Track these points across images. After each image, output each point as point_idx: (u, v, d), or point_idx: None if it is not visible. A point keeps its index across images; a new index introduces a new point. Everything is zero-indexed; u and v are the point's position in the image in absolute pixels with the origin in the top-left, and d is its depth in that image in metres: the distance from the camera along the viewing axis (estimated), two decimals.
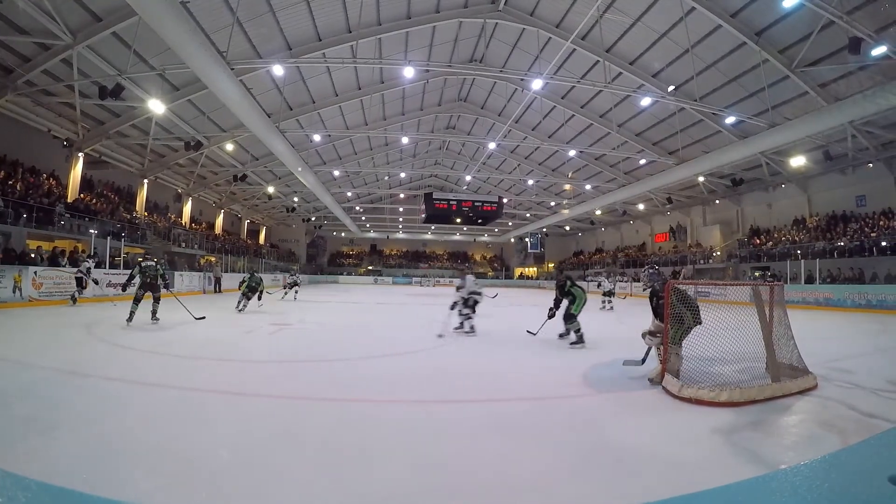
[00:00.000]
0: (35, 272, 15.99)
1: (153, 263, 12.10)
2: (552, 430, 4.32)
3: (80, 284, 17.02)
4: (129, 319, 11.25)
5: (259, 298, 18.38)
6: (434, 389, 5.86)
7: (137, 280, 11.80)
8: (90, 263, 17.85)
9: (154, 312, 11.71)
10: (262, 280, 17.59)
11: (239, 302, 16.23)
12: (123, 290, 12.15)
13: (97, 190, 27.60)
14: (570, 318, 9.52)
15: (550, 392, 5.80)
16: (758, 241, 31.91)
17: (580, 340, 9.29)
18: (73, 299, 16.73)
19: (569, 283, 9.84)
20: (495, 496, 3.01)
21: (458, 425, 4.47)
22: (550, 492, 3.06)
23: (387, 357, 8.05)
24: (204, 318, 12.80)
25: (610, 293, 21.00)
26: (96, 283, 17.64)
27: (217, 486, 3.02)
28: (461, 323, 11.21)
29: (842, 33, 16.21)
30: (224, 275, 30.03)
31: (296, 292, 23.07)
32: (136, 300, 11.63)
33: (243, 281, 17.00)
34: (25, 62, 18.30)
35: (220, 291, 28.09)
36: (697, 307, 5.94)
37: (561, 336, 9.99)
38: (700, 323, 5.86)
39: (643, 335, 6.59)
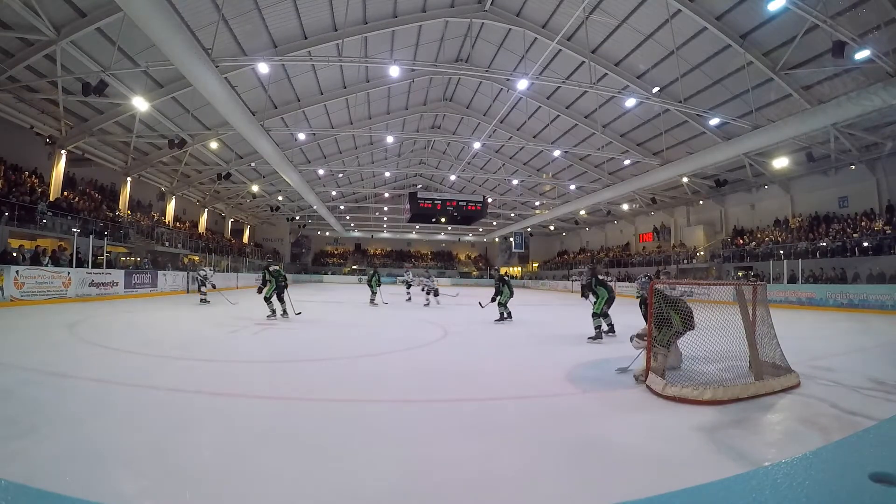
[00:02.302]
0: (17, 272, 15.72)
1: (279, 268, 14.05)
2: (537, 429, 4.32)
3: (202, 285, 19.54)
4: (274, 314, 13.37)
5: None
6: (419, 389, 5.85)
7: (271, 284, 13.56)
8: (206, 270, 20.50)
9: (292, 308, 13.81)
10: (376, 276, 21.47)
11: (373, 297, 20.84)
12: (259, 292, 13.92)
13: (80, 188, 27.27)
14: (594, 315, 9.95)
15: (535, 391, 5.81)
16: (741, 242, 32.20)
17: (598, 336, 9.76)
18: (204, 300, 19.16)
19: (594, 280, 10.19)
20: (480, 494, 3.00)
21: (443, 424, 4.46)
22: (534, 490, 3.04)
23: (371, 357, 8.02)
24: (300, 313, 14.00)
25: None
26: (214, 286, 20.85)
27: (202, 487, 2.97)
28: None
29: (826, 37, 16.38)
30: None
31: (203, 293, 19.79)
32: (268, 299, 13.54)
33: (370, 277, 21.41)
34: (8, 57, 17.96)
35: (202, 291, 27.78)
36: (690, 312, 5.97)
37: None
38: (692, 328, 5.90)
39: (631, 339, 6.63)
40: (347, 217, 59.16)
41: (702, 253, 35.87)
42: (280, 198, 46.82)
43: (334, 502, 2.86)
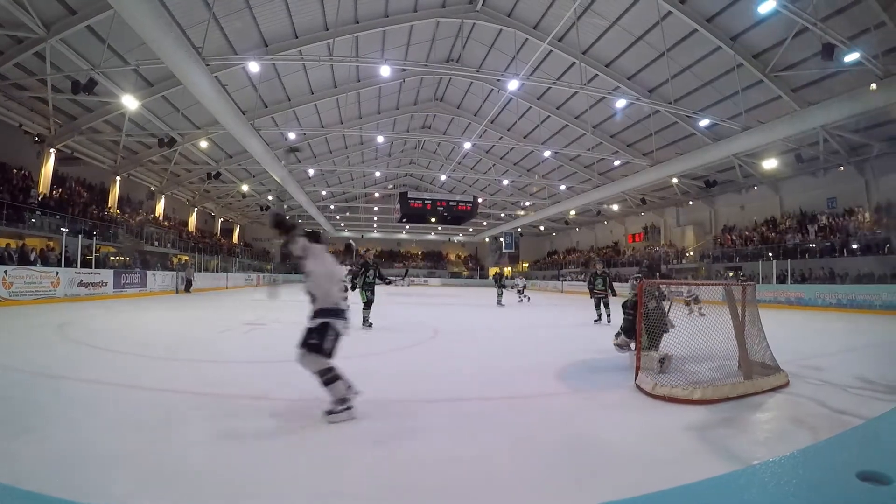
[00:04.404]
0: (5, 271, 15.52)
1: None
2: (526, 429, 4.31)
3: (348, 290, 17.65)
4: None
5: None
6: (407, 389, 5.81)
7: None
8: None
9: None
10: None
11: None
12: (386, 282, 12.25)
13: (69, 186, 27.05)
14: None
15: (524, 391, 5.80)
16: (729, 239, 32.37)
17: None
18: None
19: None
20: (472, 493, 2.99)
21: (436, 424, 4.43)
22: (524, 490, 3.04)
23: (359, 357, 7.96)
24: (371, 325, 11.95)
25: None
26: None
27: (194, 488, 2.94)
28: None
29: (815, 39, 16.49)
30: (197, 274, 29.52)
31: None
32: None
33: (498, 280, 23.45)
34: None
35: (189, 292, 27.60)
36: (661, 333, 6.18)
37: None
38: (655, 348, 6.13)
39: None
40: (337, 217, 58.90)
41: (691, 253, 36.06)
42: (270, 197, 46.57)
43: (331, 502, 2.85)
